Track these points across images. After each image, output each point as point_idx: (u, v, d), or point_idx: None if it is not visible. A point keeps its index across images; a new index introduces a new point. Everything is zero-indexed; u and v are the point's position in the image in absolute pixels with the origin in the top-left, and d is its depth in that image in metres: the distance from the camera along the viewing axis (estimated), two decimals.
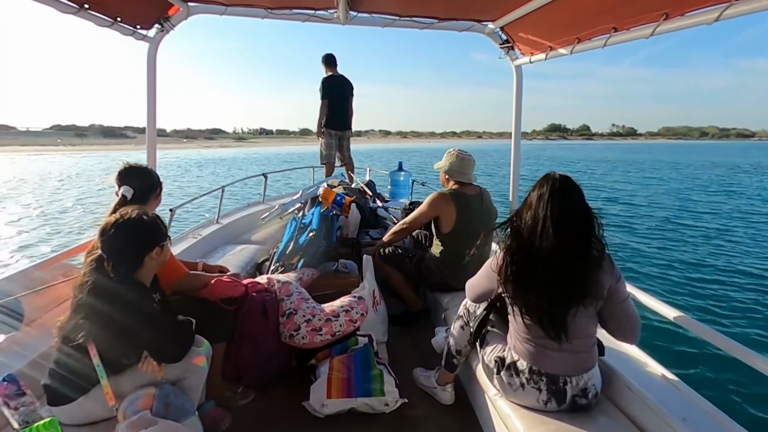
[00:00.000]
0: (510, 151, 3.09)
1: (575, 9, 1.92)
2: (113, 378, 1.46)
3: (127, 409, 1.40)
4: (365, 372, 2.02)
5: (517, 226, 1.54)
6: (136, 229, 1.50)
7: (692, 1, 1.40)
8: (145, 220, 1.53)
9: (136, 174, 1.97)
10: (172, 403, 1.45)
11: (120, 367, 1.50)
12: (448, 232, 2.65)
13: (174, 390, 1.50)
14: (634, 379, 1.65)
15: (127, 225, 1.48)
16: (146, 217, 1.55)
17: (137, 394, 1.44)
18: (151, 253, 1.54)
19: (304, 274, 2.62)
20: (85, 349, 1.42)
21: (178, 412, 1.44)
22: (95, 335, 1.43)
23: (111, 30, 2.06)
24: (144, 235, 1.53)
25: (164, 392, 1.46)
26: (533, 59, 2.54)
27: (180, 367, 1.58)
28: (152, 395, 1.44)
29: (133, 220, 1.49)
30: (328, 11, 2.45)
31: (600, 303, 1.54)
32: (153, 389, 1.46)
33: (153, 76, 2.50)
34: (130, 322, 1.44)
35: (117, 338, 1.45)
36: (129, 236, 1.48)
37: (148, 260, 1.54)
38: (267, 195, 4.78)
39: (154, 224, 1.57)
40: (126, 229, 1.47)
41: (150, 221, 1.55)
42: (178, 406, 1.46)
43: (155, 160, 2.58)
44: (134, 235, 1.50)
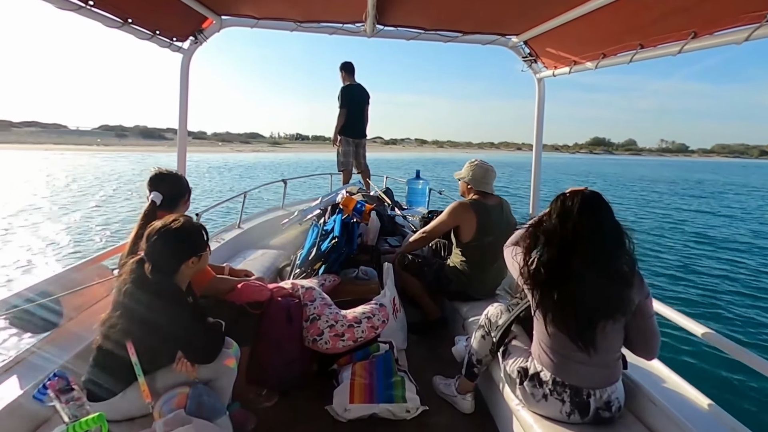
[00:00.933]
0: (533, 164, 3.10)
1: (602, 25, 1.95)
2: (148, 377, 1.52)
3: (162, 407, 1.45)
4: (387, 378, 2.05)
5: (548, 236, 1.56)
6: (176, 238, 1.57)
7: (722, 20, 1.42)
8: (186, 230, 1.61)
9: (165, 180, 2.05)
10: (205, 403, 1.50)
11: (155, 366, 1.56)
12: (468, 241, 2.68)
13: (206, 390, 1.55)
14: (658, 394, 1.65)
15: (168, 232, 1.56)
16: (189, 226, 1.62)
17: (172, 393, 1.50)
18: (188, 261, 1.61)
19: (326, 280, 2.67)
20: (124, 347, 1.49)
21: (210, 411, 1.49)
22: (133, 334, 1.49)
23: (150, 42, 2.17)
24: (182, 243, 1.60)
25: (197, 392, 1.51)
26: (557, 72, 2.57)
27: (212, 369, 1.64)
28: (186, 394, 1.50)
29: (174, 228, 1.57)
30: (356, 24, 2.52)
31: (627, 318, 1.55)
32: (187, 389, 1.52)
33: (185, 86, 2.59)
34: (164, 323, 1.51)
35: (153, 338, 1.51)
36: (169, 243, 1.56)
37: (185, 267, 1.61)
38: (286, 201, 4.86)
39: (194, 234, 1.64)
40: (167, 236, 1.55)
41: (190, 231, 1.63)
42: (211, 405, 1.51)
43: (185, 166, 2.67)
44: (173, 243, 1.57)
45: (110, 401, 1.49)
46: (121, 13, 1.94)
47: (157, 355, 1.55)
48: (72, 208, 13.71)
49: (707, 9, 1.43)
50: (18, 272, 7.33)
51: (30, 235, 10.11)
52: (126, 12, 1.95)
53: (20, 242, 9.36)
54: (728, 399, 3.87)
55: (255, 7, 2.39)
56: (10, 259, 8.09)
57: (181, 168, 2.65)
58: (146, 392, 1.47)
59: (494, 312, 1.96)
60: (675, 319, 1.81)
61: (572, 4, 1.91)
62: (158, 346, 1.55)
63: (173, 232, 1.57)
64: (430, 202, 5.38)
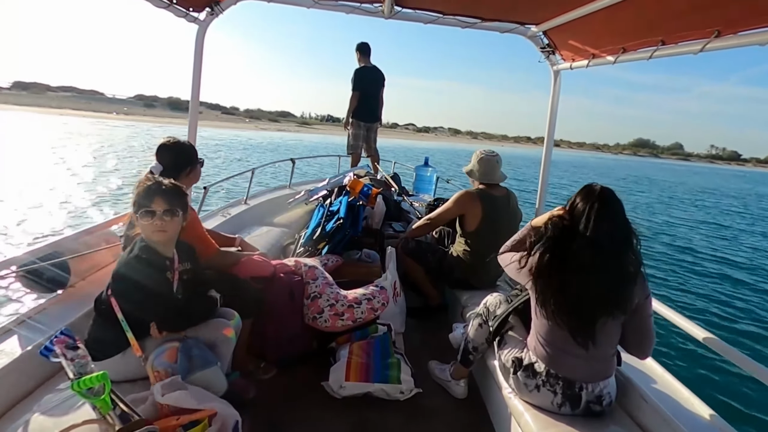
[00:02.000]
0: (542, 159, 3.08)
1: (623, 19, 1.91)
2: (140, 340, 1.55)
3: (154, 362, 1.49)
4: (384, 359, 2.08)
5: (559, 229, 1.57)
6: (134, 191, 1.60)
7: (747, 20, 1.39)
8: (138, 183, 1.61)
9: (168, 151, 2.04)
10: (195, 356, 1.53)
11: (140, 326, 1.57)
12: (473, 230, 2.69)
13: (196, 343, 1.58)
14: (650, 392, 1.67)
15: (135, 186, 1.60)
16: (138, 183, 1.62)
17: (162, 347, 1.53)
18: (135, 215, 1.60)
19: (329, 261, 2.69)
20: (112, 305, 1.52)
21: (201, 362, 1.52)
22: (116, 292, 1.53)
23: (167, 11, 2.16)
24: (135, 197, 1.59)
25: (187, 346, 1.54)
26: (574, 65, 2.53)
27: (210, 335, 1.67)
28: (176, 348, 1.52)
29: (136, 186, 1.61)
30: (373, 5, 2.49)
31: (626, 316, 1.57)
32: (177, 343, 1.55)
33: (200, 57, 2.59)
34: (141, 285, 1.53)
35: (129, 299, 1.54)
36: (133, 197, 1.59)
37: (138, 223, 1.60)
38: (293, 180, 4.88)
39: (136, 191, 1.61)
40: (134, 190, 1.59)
41: (140, 185, 1.61)
42: (201, 357, 1.53)
43: (195, 137, 2.68)
44: (133, 196, 1.59)
45: (112, 360, 1.54)
46: None
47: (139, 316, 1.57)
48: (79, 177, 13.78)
49: (732, 8, 1.40)
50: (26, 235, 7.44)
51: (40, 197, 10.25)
52: None
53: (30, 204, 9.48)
54: (719, 400, 3.90)
55: None
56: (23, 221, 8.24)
57: (191, 139, 2.65)
58: (135, 346, 1.50)
59: (493, 301, 1.98)
60: (674, 320, 1.81)
61: None
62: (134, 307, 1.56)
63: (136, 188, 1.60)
64: (437, 190, 5.38)
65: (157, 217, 1.56)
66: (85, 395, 1.19)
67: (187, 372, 1.49)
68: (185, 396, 1.36)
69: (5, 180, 11.78)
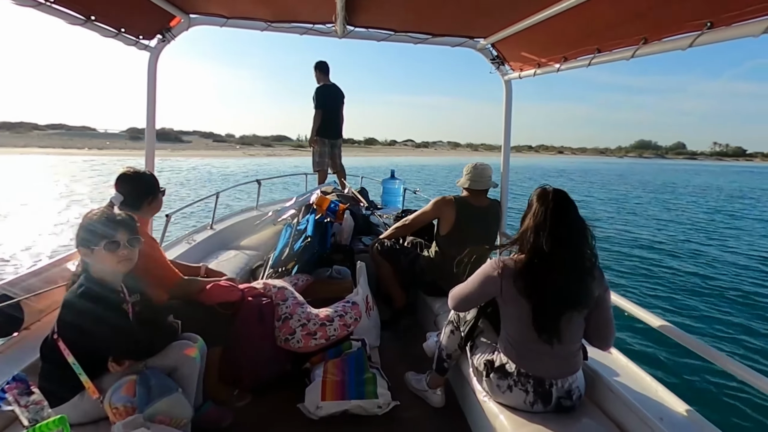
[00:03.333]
0: (501, 167, 3.18)
1: (563, 30, 2.03)
2: (96, 380, 1.50)
3: (112, 398, 1.43)
4: (359, 375, 2.07)
5: (525, 238, 1.64)
6: (84, 224, 1.54)
7: (669, 27, 1.51)
8: (92, 216, 1.55)
9: (128, 181, 2.00)
10: (153, 385, 1.48)
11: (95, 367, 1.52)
12: (445, 234, 2.76)
13: (153, 373, 1.53)
14: (616, 382, 1.73)
15: (83, 220, 1.55)
16: (91, 216, 1.56)
17: (119, 382, 1.48)
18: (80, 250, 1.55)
19: (299, 280, 2.67)
20: None
21: (160, 390, 1.47)
22: (67, 334, 1.47)
23: (115, 40, 2.13)
24: (89, 229, 1.53)
25: (144, 377, 1.49)
26: (522, 75, 2.66)
27: (172, 358, 1.62)
28: (134, 381, 1.47)
29: (86, 216, 1.56)
30: (326, 25, 2.54)
31: (588, 310, 1.64)
32: (134, 376, 1.50)
33: (153, 84, 2.55)
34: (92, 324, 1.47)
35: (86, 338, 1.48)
36: (80, 231, 1.54)
37: (93, 257, 1.53)
38: (260, 201, 4.82)
39: (100, 220, 1.55)
40: (81, 223, 1.54)
41: (95, 217, 1.55)
42: (159, 385, 1.49)
43: (153, 166, 2.63)
44: (84, 229, 1.53)
45: (71, 403, 1.47)
46: (83, 10, 1.90)
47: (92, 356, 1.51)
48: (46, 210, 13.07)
49: (656, 16, 1.52)
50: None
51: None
52: (89, 9, 1.91)
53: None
54: (681, 386, 4.08)
55: (224, 5, 2.38)
56: None
57: (149, 167, 2.60)
58: (91, 388, 1.45)
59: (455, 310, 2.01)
60: (633, 312, 1.89)
61: (535, 8, 1.98)
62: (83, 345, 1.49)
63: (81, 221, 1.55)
64: (405, 201, 5.44)
65: (123, 247, 1.53)
66: None
67: (146, 403, 1.45)
68: None
69: None
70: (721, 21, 1.33)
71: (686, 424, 1.51)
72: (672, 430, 1.45)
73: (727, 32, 1.32)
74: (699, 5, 1.34)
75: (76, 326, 1.46)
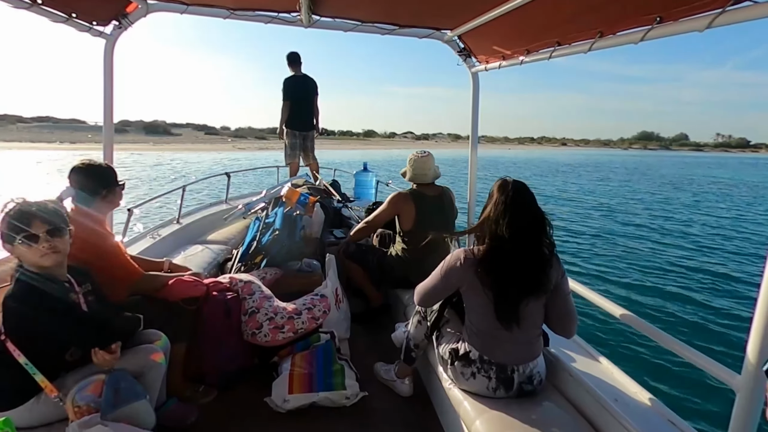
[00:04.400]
0: (469, 158, 3.21)
1: (525, 22, 2.05)
2: (59, 380, 1.45)
3: (76, 396, 1.39)
4: (327, 367, 2.08)
5: (485, 227, 1.68)
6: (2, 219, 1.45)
7: (623, 21, 1.55)
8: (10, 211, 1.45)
9: (81, 173, 1.91)
10: (122, 388, 1.44)
11: (51, 364, 1.46)
12: (408, 229, 2.76)
13: (123, 375, 1.48)
14: (576, 367, 1.80)
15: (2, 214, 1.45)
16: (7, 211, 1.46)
17: (87, 380, 1.43)
18: (5, 247, 1.47)
19: (268, 274, 2.64)
20: None
21: (127, 394, 1.44)
22: (15, 334, 1.40)
23: (66, 26, 2.02)
24: (5, 224, 1.44)
25: (114, 378, 1.45)
26: (488, 67, 2.68)
27: (137, 364, 1.59)
28: (102, 381, 1.43)
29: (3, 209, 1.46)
30: (291, 14, 2.49)
31: (548, 296, 1.69)
32: (103, 375, 1.45)
33: (110, 73, 2.45)
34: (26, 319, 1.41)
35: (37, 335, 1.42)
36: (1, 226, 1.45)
37: (18, 252, 1.46)
38: (230, 195, 4.73)
39: (14, 213, 1.45)
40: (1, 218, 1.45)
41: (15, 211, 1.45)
42: (128, 389, 1.45)
43: (112, 159, 2.53)
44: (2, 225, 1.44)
45: (25, 407, 1.42)
46: None
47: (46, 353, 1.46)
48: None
49: (611, 11, 1.56)
50: None
51: None
52: None
53: None
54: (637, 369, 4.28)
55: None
56: None
57: (108, 159, 2.50)
58: (49, 387, 1.40)
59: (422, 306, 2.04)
60: (593, 299, 1.96)
61: (500, 0, 2.00)
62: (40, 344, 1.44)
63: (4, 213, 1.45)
64: (377, 193, 5.44)
65: (42, 240, 1.44)
66: None
67: (112, 407, 1.41)
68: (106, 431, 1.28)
69: None
70: (670, 16, 1.37)
71: (638, 403, 1.58)
72: (625, 410, 1.52)
73: (675, 27, 1.37)
74: (650, 0, 1.38)
75: (22, 324, 1.40)
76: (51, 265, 1.47)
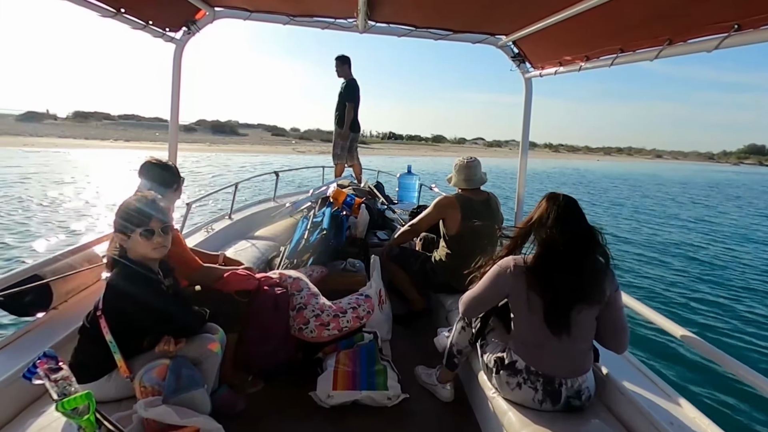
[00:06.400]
0: (519, 167, 3.16)
1: (585, 29, 2.00)
2: (129, 360, 1.56)
3: (143, 377, 1.49)
4: (370, 366, 2.11)
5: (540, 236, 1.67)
6: (121, 211, 1.60)
7: (694, 30, 1.49)
8: (129, 203, 1.61)
9: (156, 168, 2.07)
10: (183, 375, 1.54)
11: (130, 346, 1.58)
12: (453, 234, 2.75)
13: (184, 362, 1.58)
14: (627, 385, 1.73)
15: (120, 206, 1.61)
16: (128, 204, 1.61)
17: (153, 363, 1.54)
18: (117, 235, 1.60)
19: (314, 271, 2.72)
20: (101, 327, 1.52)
21: (188, 382, 1.53)
22: (106, 311, 1.53)
23: (144, 33, 2.19)
24: (124, 216, 1.59)
25: (176, 364, 1.55)
26: (543, 73, 2.63)
27: (196, 352, 1.69)
28: (166, 366, 1.53)
29: (123, 203, 1.61)
30: (347, 20, 2.56)
31: (600, 308, 1.64)
32: (167, 361, 1.55)
33: (178, 76, 2.62)
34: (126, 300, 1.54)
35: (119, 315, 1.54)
36: (117, 217, 1.59)
37: (129, 243, 1.59)
38: (277, 193, 4.89)
39: (135, 208, 1.60)
40: (119, 210, 1.60)
41: (131, 204, 1.60)
42: (189, 377, 1.55)
43: (176, 156, 2.70)
44: (120, 216, 1.59)
45: (99, 382, 1.54)
46: (113, 3, 1.96)
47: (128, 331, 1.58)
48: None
49: (681, 19, 1.50)
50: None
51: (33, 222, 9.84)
52: (118, 1, 1.97)
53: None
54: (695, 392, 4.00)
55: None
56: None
57: (172, 158, 2.67)
58: (123, 367, 1.51)
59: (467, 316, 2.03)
60: (648, 316, 1.88)
61: (559, 6, 1.97)
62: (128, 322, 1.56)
63: (123, 204, 1.61)
64: (420, 197, 5.44)
65: (157, 235, 1.60)
66: (70, 415, 1.19)
67: (174, 392, 1.50)
68: (168, 412, 1.38)
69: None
70: (750, 23, 1.30)
71: (696, 430, 1.50)
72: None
73: (756, 35, 1.29)
74: (724, 8, 1.32)
75: (121, 305, 1.53)
76: (158, 257, 1.64)
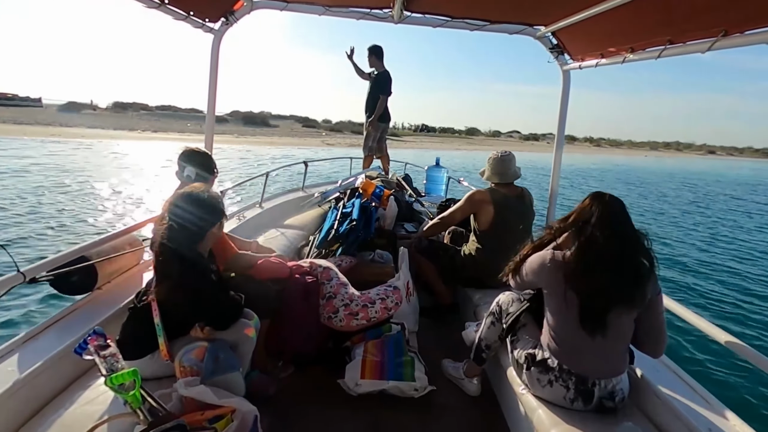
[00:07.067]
0: (553, 160, 3.09)
1: (630, 19, 1.93)
2: (170, 343, 1.63)
3: (183, 357, 1.56)
4: (397, 357, 2.13)
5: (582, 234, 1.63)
6: (202, 204, 1.66)
7: (753, 20, 1.41)
8: (211, 196, 1.71)
9: (199, 155, 2.15)
10: (221, 358, 1.60)
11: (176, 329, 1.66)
12: (485, 229, 2.72)
13: (223, 346, 1.65)
14: (663, 388, 1.68)
15: (196, 199, 1.66)
16: (210, 194, 1.72)
17: (193, 345, 1.60)
18: (213, 228, 1.70)
19: (343, 261, 2.75)
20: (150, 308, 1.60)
21: (225, 365, 1.59)
22: (159, 295, 1.60)
23: (185, 23, 2.24)
24: (208, 209, 1.67)
25: (215, 347, 1.61)
26: (583, 65, 2.55)
27: (233, 336, 1.74)
28: (205, 348, 1.59)
29: (201, 195, 1.67)
30: (383, 10, 2.54)
31: (640, 311, 1.61)
32: (206, 343, 1.62)
33: (215, 67, 2.67)
34: (187, 287, 1.60)
35: (176, 299, 1.61)
36: (195, 209, 1.64)
37: (210, 234, 1.70)
38: (306, 182, 4.95)
39: (217, 201, 1.73)
40: (194, 202, 1.64)
41: (214, 197, 1.72)
42: (226, 360, 1.61)
43: (212, 146, 2.77)
44: (200, 209, 1.65)
45: (142, 360, 1.61)
46: None
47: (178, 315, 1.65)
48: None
49: (738, 9, 1.42)
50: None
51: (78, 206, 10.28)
52: None
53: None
54: (735, 399, 3.84)
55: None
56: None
57: (208, 148, 2.74)
58: (164, 351, 1.58)
59: (505, 300, 2.01)
60: (687, 318, 1.82)
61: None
62: (180, 308, 1.64)
63: (201, 197, 1.67)
64: (448, 190, 5.41)
65: (219, 227, 1.75)
66: (117, 390, 1.26)
67: (211, 373, 1.56)
68: (206, 391, 1.43)
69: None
70: None
71: None
72: None
73: None
74: None
75: (176, 290, 1.60)
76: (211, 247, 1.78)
